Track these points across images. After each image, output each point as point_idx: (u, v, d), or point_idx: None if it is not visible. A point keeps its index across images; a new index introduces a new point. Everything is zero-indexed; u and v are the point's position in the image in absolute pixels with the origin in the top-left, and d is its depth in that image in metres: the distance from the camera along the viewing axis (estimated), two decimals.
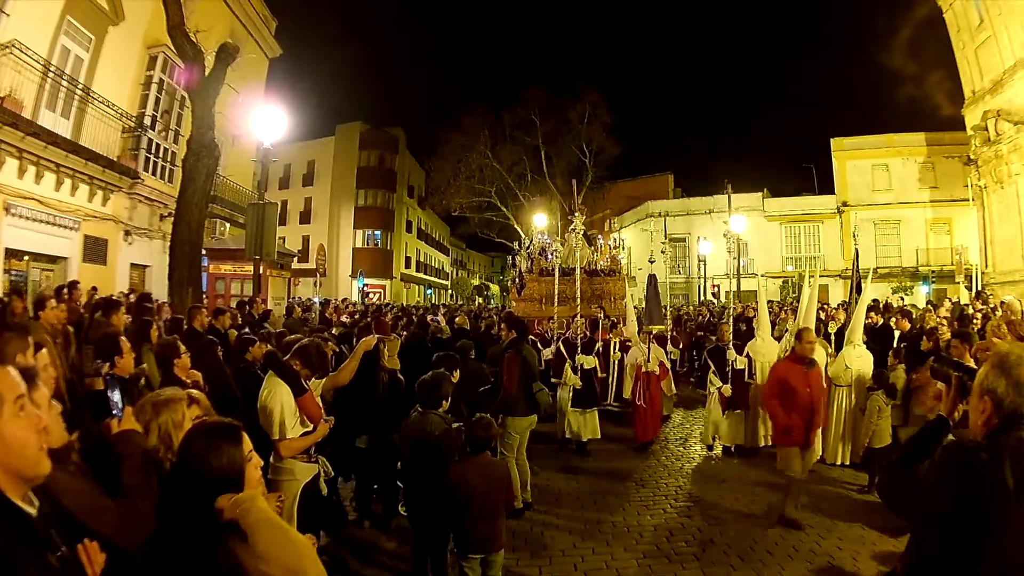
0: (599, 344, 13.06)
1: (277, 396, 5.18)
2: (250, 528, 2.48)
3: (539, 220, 28.24)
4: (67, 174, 17.26)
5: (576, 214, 17.71)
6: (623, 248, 22.99)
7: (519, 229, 44.41)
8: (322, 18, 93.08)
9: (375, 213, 57.32)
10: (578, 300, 13.78)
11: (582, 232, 19.30)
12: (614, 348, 13.70)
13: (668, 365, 13.25)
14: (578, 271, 14.45)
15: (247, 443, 2.78)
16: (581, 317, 12.97)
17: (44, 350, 3.91)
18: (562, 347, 12.04)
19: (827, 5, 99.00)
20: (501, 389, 8.55)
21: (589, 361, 11.97)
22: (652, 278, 14.77)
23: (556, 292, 13.94)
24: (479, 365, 9.30)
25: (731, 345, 11.51)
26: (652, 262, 14.72)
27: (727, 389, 11.20)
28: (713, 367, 11.63)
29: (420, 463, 5.56)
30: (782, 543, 7.22)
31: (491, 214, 51.66)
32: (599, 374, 12.76)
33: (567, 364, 11.65)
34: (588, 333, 12.81)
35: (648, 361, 12.00)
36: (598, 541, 7.31)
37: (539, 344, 12.74)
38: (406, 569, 6.46)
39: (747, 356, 11.46)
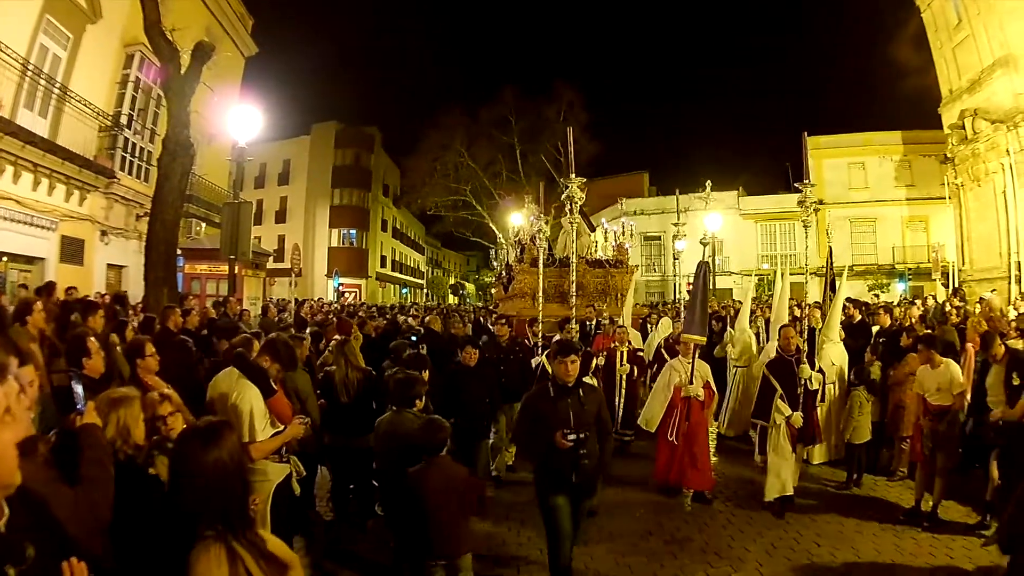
0: (599, 357, 10.50)
1: (246, 398, 5.12)
2: None
3: (515, 219, 26.51)
4: (44, 174, 17.15)
5: (574, 187, 8.95)
6: (631, 235, 20.82)
7: (494, 227, 44.40)
8: (298, 17, 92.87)
9: (350, 212, 57.29)
10: (573, 296, 9.23)
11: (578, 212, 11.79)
12: (621, 360, 10.89)
13: (715, 388, 9.42)
14: (574, 258, 9.57)
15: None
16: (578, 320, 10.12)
17: (30, 366, 3.90)
18: (548, 363, 8.09)
19: (803, 5, 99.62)
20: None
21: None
22: (703, 268, 9.39)
23: (541, 286, 10.42)
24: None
25: (804, 357, 8.52)
26: (705, 244, 10.45)
27: (798, 418, 8.21)
28: (780, 389, 8.39)
29: (394, 463, 5.49)
30: (760, 540, 7.20)
31: (466, 213, 51.59)
32: None
33: None
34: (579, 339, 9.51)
35: (691, 382, 8.64)
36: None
37: (523, 353, 10.74)
38: (383, 571, 6.39)
39: (820, 370, 8.95)
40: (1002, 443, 7.07)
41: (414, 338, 11.90)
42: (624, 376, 10.91)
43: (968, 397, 8.12)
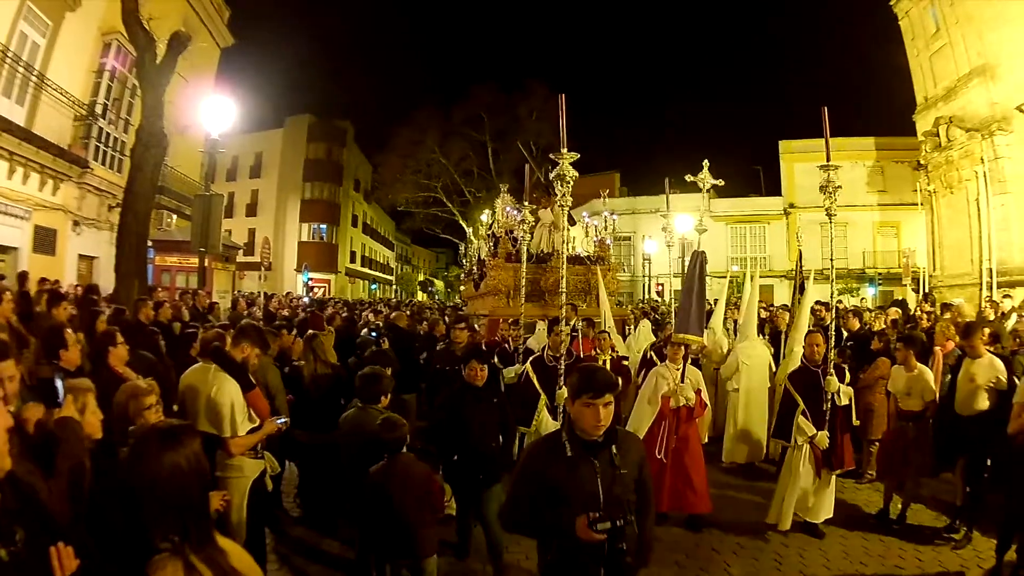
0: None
1: (227, 392, 5.06)
2: None
3: (484, 217, 25.07)
4: (20, 162, 16.91)
5: (565, 164, 6.85)
6: (613, 230, 19.61)
7: (464, 225, 44.40)
8: (275, 8, 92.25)
9: (321, 206, 56.88)
10: (564, 294, 7.66)
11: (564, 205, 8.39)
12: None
13: (707, 399, 8.52)
14: (563, 248, 10.32)
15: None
16: (568, 321, 9.05)
17: (11, 360, 3.93)
18: (532, 372, 8.31)
19: (778, 9, 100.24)
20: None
21: None
22: (699, 257, 8.17)
23: (523, 282, 9.28)
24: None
25: (832, 368, 7.30)
26: (702, 232, 8.79)
27: (824, 438, 7.17)
28: (803, 404, 7.38)
29: (359, 460, 5.41)
30: (726, 540, 7.22)
31: (437, 210, 51.71)
32: None
33: (541, 400, 8.01)
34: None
35: (679, 390, 7.69)
36: None
37: (498, 360, 9.28)
38: (351, 568, 6.31)
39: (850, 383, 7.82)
40: (971, 451, 7.17)
41: (374, 334, 11.90)
42: None
43: (937, 399, 8.17)
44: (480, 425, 6.28)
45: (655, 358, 9.57)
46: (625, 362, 10.52)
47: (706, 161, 8.83)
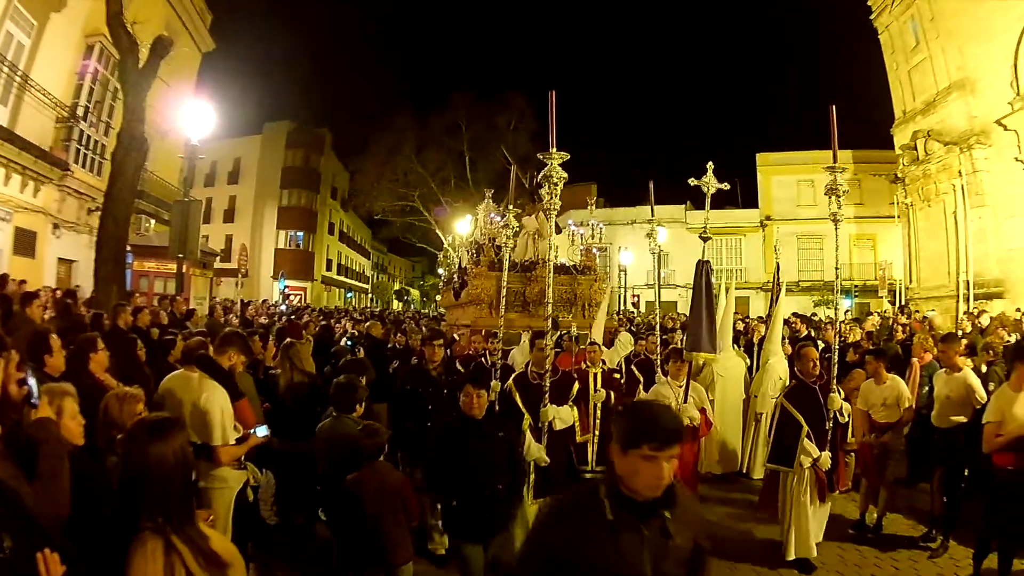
0: (577, 385, 7.82)
1: (216, 400, 5.02)
2: None
3: (461, 227, 25.63)
4: (1, 163, 16.86)
5: (554, 164, 6.52)
6: (600, 238, 18.65)
7: (440, 234, 44.34)
8: (256, 14, 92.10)
9: (298, 214, 56.75)
10: (550, 304, 6.98)
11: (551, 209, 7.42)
12: (595, 384, 8.78)
13: (712, 415, 8.29)
14: (551, 253, 8.18)
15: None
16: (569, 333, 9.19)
17: None
18: (515, 390, 7.16)
19: (756, 21, 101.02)
20: None
21: (565, 416, 7.21)
22: (704, 267, 7.99)
23: (503, 291, 8.33)
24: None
25: (834, 384, 6.79)
26: (706, 239, 8.42)
27: (827, 460, 6.66)
28: (807, 426, 6.74)
29: (334, 468, 5.41)
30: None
31: (414, 218, 51.38)
32: (577, 437, 8.18)
33: (525, 421, 6.79)
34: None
35: (682, 411, 7.21)
36: None
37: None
38: None
39: (846, 398, 7.16)
40: (947, 462, 7.23)
41: (350, 343, 11.87)
42: (599, 404, 8.82)
43: (913, 411, 8.23)
44: (483, 466, 5.14)
45: (636, 371, 9.89)
46: (616, 376, 9.72)
47: (710, 164, 8.35)
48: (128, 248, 16.38)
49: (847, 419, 7.04)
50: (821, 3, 61.13)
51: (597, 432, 8.79)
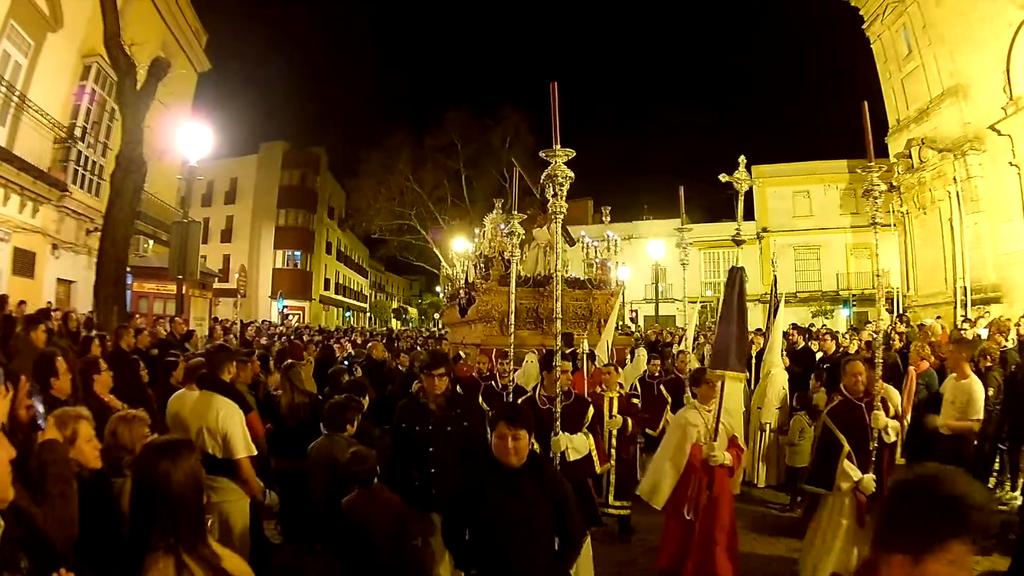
0: (591, 410, 7.11)
1: (233, 414, 5.17)
2: None
3: (458, 245, 24.60)
4: (0, 184, 16.91)
5: (559, 162, 5.33)
6: (615, 250, 17.35)
7: (438, 252, 44.36)
8: (252, 35, 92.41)
9: (295, 233, 56.64)
10: (558, 319, 5.89)
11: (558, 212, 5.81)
12: (610, 410, 8.17)
13: (743, 444, 7.38)
14: (558, 263, 6.46)
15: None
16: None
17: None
18: None
19: (748, 32, 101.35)
20: None
21: (579, 445, 6.67)
22: (738, 274, 6.95)
23: (512, 305, 7.45)
24: None
25: (877, 401, 6.17)
26: (740, 243, 7.61)
27: (870, 483, 5.95)
28: (848, 447, 6.12)
29: (327, 488, 5.44)
30: None
31: (411, 237, 51.49)
32: (597, 468, 7.23)
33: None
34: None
35: (714, 441, 6.25)
36: None
37: (482, 399, 8.25)
38: None
39: (895, 416, 6.58)
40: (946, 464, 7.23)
41: (346, 362, 11.91)
42: (615, 431, 8.09)
43: (908, 420, 8.26)
44: (517, 533, 3.80)
45: (665, 392, 9.92)
46: (635, 400, 9.09)
47: (742, 157, 7.51)
48: (127, 269, 16.41)
49: (894, 438, 6.33)
50: (813, 14, 61.36)
51: (614, 460, 8.00)
